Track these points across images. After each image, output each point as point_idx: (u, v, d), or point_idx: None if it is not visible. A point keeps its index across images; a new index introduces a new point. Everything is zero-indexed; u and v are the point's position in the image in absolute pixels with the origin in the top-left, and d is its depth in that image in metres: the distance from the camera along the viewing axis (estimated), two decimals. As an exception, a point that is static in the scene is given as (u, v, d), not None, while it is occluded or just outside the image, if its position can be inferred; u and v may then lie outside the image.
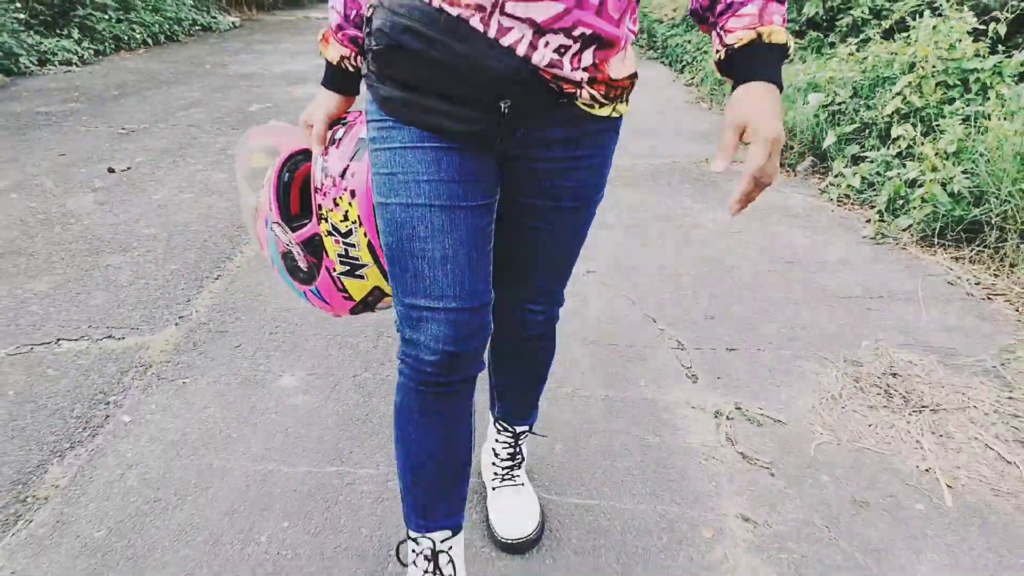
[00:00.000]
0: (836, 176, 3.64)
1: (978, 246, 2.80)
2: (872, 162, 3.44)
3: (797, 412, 1.88)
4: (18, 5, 6.44)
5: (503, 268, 1.16)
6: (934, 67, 3.50)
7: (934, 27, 3.63)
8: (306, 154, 1.21)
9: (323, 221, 1.14)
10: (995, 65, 3.48)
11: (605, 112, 1.02)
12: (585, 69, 0.94)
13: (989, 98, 3.36)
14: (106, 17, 7.65)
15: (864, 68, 3.90)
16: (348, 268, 1.16)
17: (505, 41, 0.90)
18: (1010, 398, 1.95)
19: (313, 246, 1.18)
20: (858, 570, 1.39)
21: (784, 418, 1.85)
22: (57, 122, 4.55)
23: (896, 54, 3.75)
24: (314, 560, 1.38)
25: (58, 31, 7.01)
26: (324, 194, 1.13)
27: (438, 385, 1.06)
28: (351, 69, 1.14)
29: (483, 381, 1.29)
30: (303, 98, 5.66)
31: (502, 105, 0.94)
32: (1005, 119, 3.06)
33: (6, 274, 2.46)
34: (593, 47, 0.94)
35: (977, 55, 3.51)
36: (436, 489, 1.17)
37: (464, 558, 1.29)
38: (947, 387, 2.00)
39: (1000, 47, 3.81)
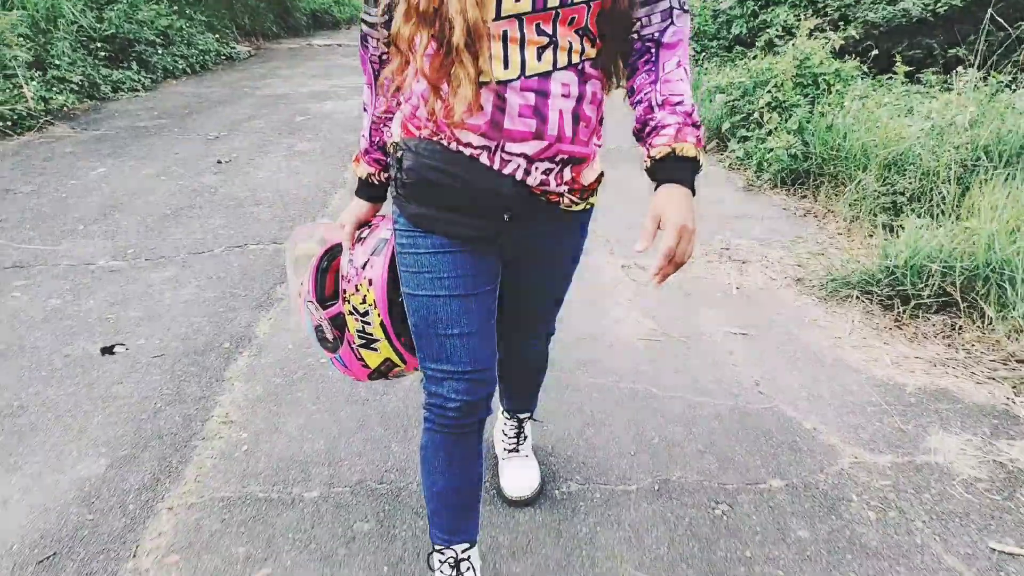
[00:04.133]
0: (730, 152, 5.19)
1: (803, 187, 4.36)
2: (751, 140, 4.99)
3: (667, 264, 3.40)
4: (98, 44, 7.93)
5: (510, 321, 1.52)
6: (794, 73, 5.06)
7: (793, 44, 5.22)
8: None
9: (346, 302, 1.36)
10: (835, 70, 5.07)
11: (580, 207, 1.32)
12: (565, 183, 1.22)
13: (830, 93, 4.94)
14: (157, 52, 9.15)
15: (751, 75, 5.47)
16: (365, 341, 1.39)
17: (506, 170, 1.16)
18: (788, 256, 3.48)
19: (339, 322, 1.41)
20: (679, 310, 2.91)
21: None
22: (158, 132, 6.03)
23: (771, 65, 5.31)
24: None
25: (120, 64, 8.50)
26: (348, 281, 1.35)
27: (457, 427, 1.33)
28: (376, 183, 1.44)
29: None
30: (331, 112, 7.16)
31: (505, 215, 1.19)
32: (832, 106, 4.63)
33: (194, 216, 3.95)
34: (570, 165, 1.21)
35: (821, 63, 5.08)
36: (456, 512, 1.46)
37: (480, 565, 1.56)
38: (756, 253, 3.53)
39: (847, 56, 5.40)
